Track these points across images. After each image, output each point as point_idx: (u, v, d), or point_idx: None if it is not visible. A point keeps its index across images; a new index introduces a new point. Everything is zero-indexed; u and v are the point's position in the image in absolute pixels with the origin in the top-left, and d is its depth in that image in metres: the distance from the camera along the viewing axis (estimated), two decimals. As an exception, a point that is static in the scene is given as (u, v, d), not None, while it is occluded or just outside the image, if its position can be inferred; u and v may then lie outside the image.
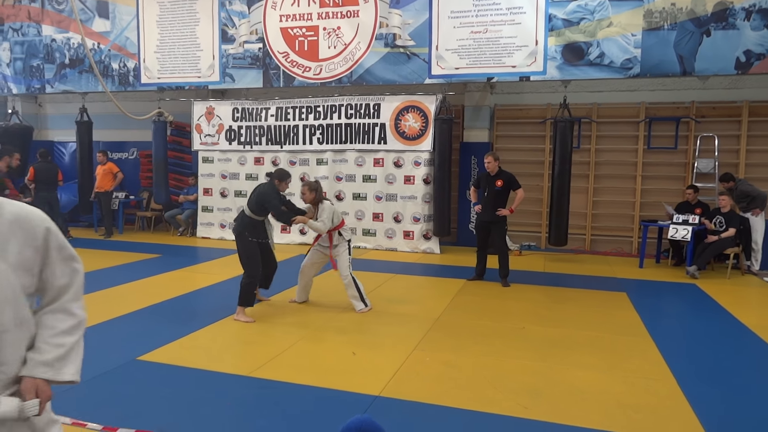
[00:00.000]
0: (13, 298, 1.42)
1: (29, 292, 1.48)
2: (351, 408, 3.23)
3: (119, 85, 10.01)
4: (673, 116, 8.82)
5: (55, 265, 1.52)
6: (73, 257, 1.59)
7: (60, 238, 1.55)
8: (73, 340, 1.54)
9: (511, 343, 4.47)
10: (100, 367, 3.81)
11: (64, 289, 1.54)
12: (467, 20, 8.07)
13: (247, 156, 9.83)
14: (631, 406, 3.33)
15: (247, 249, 4.99)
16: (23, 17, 10.50)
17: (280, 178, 5.20)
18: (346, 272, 5.30)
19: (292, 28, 8.96)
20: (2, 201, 1.47)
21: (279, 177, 5.20)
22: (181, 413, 3.18)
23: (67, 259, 1.56)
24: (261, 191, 5.06)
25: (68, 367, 1.52)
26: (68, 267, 1.56)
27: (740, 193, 7.74)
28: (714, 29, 7.17)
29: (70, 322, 1.54)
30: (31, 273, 1.48)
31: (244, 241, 4.99)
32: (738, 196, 7.74)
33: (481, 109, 9.38)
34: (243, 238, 4.99)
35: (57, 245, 1.53)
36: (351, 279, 5.31)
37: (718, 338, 4.79)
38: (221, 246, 9.28)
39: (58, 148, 12.06)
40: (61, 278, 1.54)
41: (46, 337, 1.50)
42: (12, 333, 1.42)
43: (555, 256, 8.66)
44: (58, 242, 1.54)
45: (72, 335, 1.54)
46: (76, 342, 1.55)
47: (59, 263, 1.53)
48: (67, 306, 1.54)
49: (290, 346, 4.32)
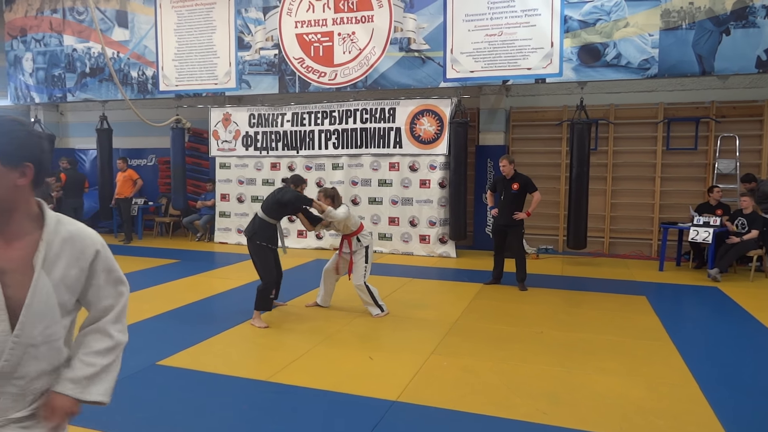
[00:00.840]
0: (47, 313, 1.43)
1: (67, 309, 1.49)
2: (368, 413, 3.23)
3: (138, 93, 10.17)
4: (693, 116, 8.69)
5: (100, 286, 1.53)
6: (120, 280, 1.59)
7: (109, 261, 1.56)
8: (106, 361, 1.54)
9: (529, 348, 4.43)
10: (120, 372, 3.85)
11: (106, 311, 1.55)
12: (482, 23, 8.06)
13: (263, 161, 9.91)
14: (652, 411, 3.28)
15: (258, 252, 5.02)
16: (45, 28, 10.73)
17: (296, 183, 5.30)
18: (360, 280, 5.24)
19: (308, 34, 9.03)
20: (63, 219, 1.50)
21: (295, 182, 5.29)
22: (200, 418, 3.21)
23: (113, 282, 1.57)
24: (283, 196, 5.09)
25: (96, 387, 1.53)
26: (114, 290, 1.57)
27: (762, 194, 7.59)
28: (733, 28, 7.06)
29: (106, 344, 1.55)
30: (73, 291, 1.49)
31: (254, 244, 5.01)
32: (760, 196, 7.60)
33: (496, 112, 9.35)
34: (253, 241, 5.01)
35: (105, 267, 1.54)
36: (364, 285, 5.25)
37: (740, 342, 4.70)
38: (238, 251, 9.34)
39: (79, 155, 12.28)
40: (105, 300, 1.55)
41: (81, 356, 1.52)
42: (38, 348, 1.43)
43: (573, 260, 8.58)
44: (107, 265, 1.55)
45: (106, 357, 1.54)
46: (109, 364, 1.56)
47: (105, 285, 1.54)
48: (107, 327, 1.55)
49: (307, 351, 4.33)
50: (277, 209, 5.08)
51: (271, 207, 5.07)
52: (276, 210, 5.08)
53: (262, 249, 5.03)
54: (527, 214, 6.54)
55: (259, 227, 5.02)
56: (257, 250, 5.02)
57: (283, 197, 5.08)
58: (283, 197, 5.08)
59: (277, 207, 5.08)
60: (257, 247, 5.02)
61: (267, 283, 4.98)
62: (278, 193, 5.17)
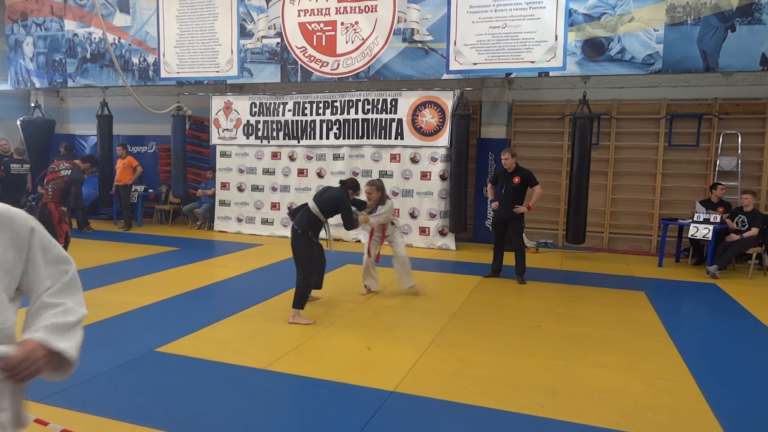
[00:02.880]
0: None
1: (11, 296, 1.41)
2: (366, 403, 3.24)
3: (139, 80, 10.12)
4: (695, 113, 8.66)
5: (39, 267, 1.44)
6: (62, 259, 1.50)
7: (45, 239, 1.47)
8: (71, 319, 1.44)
9: (527, 341, 4.45)
10: (119, 358, 3.87)
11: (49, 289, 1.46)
12: (486, 15, 8.01)
13: (264, 150, 9.88)
14: (649, 406, 3.29)
15: (310, 248, 4.94)
16: (46, 12, 10.65)
17: (354, 188, 5.39)
18: (404, 252, 5.77)
19: (310, 23, 8.97)
20: None
21: (352, 187, 5.38)
22: (198, 405, 3.22)
23: (54, 261, 1.48)
24: (337, 196, 5.07)
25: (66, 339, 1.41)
26: (55, 269, 1.48)
27: None
28: (739, 24, 7.03)
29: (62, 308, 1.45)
30: (12, 274, 1.40)
31: (308, 240, 4.91)
32: None
33: (498, 105, 9.31)
34: (307, 237, 4.90)
35: (42, 246, 1.45)
36: (407, 259, 5.78)
37: (738, 339, 4.71)
38: (238, 240, 9.35)
39: (79, 141, 12.25)
40: (47, 281, 1.46)
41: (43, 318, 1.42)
42: None
43: (572, 254, 8.59)
44: (44, 243, 1.46)
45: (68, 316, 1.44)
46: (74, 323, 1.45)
47: (44, 266, 1.45)
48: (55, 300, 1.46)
49: (306, 340, 4.34)
50: (331, 209, 5.04)
51: (326, 206, 5.01)
52: (331, 210, 5.04)
53: (311, 244, 4.97)
54: (528, 207, 6.53)
55: (312, 223, 4.94)
56: (307, 244, 4.92)
57: (341, 200, 5.07)
58: (341, 200, 5.07)
59: (333, 208, 5.04)
60: (308, 242, 4.93)
61: (308, 279, 4.91)
62: (335, 192, 5.14)
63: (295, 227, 4.91)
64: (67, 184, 5.93)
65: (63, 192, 5.93)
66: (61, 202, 5.93)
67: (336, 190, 5.17)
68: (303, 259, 4.89)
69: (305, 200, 10.05)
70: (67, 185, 5.92)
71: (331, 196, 5.06)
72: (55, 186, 5.92)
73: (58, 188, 5.91)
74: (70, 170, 5.99)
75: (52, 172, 6.04)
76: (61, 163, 6.12)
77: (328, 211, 5.00)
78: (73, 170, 6.02)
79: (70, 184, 5.94)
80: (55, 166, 6.10)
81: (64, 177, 5.94)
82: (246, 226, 10.05)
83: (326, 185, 5.75)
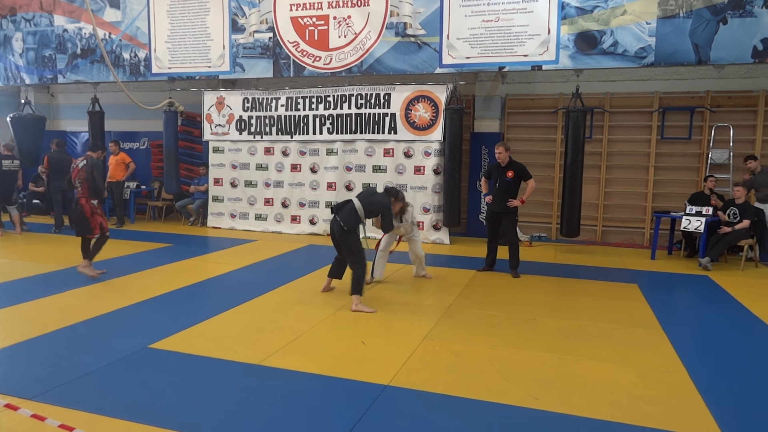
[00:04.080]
0: None
1: None
2: (360, 397, 3.24)
3: (130, 75, 10.05)
4: (688, 106, 8.69)
5: None
6: None
7: None
8: None
9: (521, 334, 4.46)
10: (112, 354, 3.85)
11: None
12: (479, 9, 7.99)
13: (257, 146, 9.84)
14: (642, 398, 3.31)
15: (357, 242, 5.34)
16: (35, 7, 10.54)
17: (396, 197, 5.70)
18: (422, 252, 6.36)
19: (303, 18, 8.93)
20: None
21: (396, 197, 5.70)
22: (192, 401, 3.21)
23: None
24: (384, 204, 5.45)
25: None
26: None
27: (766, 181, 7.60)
28: (731, 17, 7.04)
29: None
30: None
31: (355, 235, 5.29)
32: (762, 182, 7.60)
33: (492, 99, 9.31)
34: (355, 232, 5.28)
35: None
36: (424, 256, 6.37)
37: (730, 330, 4.74)
38: (231, 236, 9.32)
39: (70, 138, 12.15)
40: None
41: None
42: None
43: (566, 247, 8.61)
44: None
45: None
46: None
47: None
48: None
49: (300, 335, 4.33)
50: (374, 213, 5.43)
51: (372, 209, 5.38)
52: (374, 214, 5.44)
53: (358, 237, 5.35)
54: (521, 201, 6.55)
55: (356, 219, 5.27)
56: (354, 239, 5.28)
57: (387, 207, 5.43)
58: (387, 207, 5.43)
59: (376, 212, 5.42)
60: (354, 237, 5.28)
61: (363, 267, 5.26)
62: (383, 200, 5.50)
63: (341, 224, 5.19)
64: (89, 173, 6.19)
65: (89, 182, 6.19)
66: (91, 195, 6.20)
67: (383, 197, 5.58)
68: (354, 250, 5.25)
69: (298, 195, 10.09)
70: (89, 174, 6.19)
71: (379, 203, 5.46)
72: (80, 180, 6.19)
73: (84, 180, 6.18)
74: (84, 160, 6.27)
75: (73, 170, 6.30)
76: (78, 160, 6.39)
77: (371, 213, 5.43)
78: (87, 158, 6.29)
79: (90, 171, 6.20)
80: (74, 164, 6.36)
81: (83, 168, 6.20)
82: (239, 221, 10.02)
83: (371, 187, 6.47)
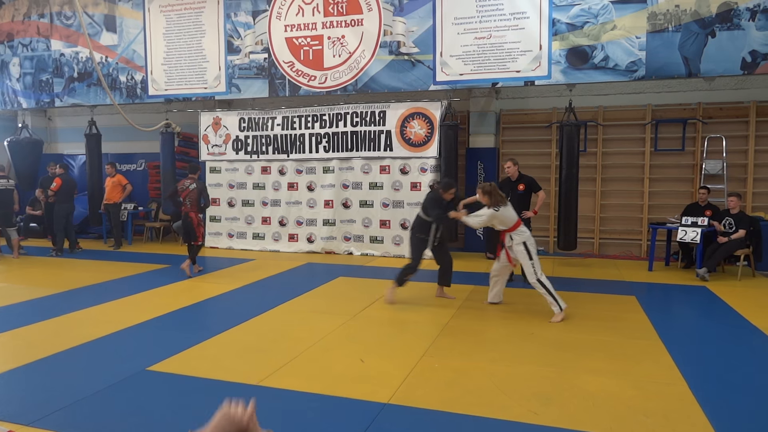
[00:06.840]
0: None
1: None
2: (360, 416, 3.23)
3: (127, 98, 10.12)
4: (680, 118, 8.78)
5: None
6: None
7: None
8: None
9: (520, 349, 4.45)
10: (110, 377, 3.83)
11: None
12: (471, 26, 8.10)
13: (254, 165, 9.88)
14: (642, 410, 3.30)
15: (416, 243, 5.99)
16: (33, 32, 10.66)
17: (444, 188, 5.95)
18: (532, 278, 5.31)
19: (297, 38, 9.03)
20: None
21: (443, 187, 5.98)
22: (190, 423, 3.18)
23: None
24: (428, 196, 5.99)
25: None
26: None
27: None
28: (719, 30, 7.15)
29: None
30: None
31: (413, 237, 6.01)
32: None
33: (486, 115, 9.39)
34: (413, 234, 6.02)
35: None
36: (537, 283, 5.29)
37: (729, 341, 4.74)
38: (229, 255, 9.31)
39: (68, 160, 12.18)
40: None
41: None
42: None
43: (563, 261, 8.63)
44: None
45: None
46: None
47: None
48: None
49: (299, 355, 4.32)
50: (428, 208, 5.89)
51: (425, 204, 5.93)
52: (428, 208, 5.86)
53: (417, 240, 5.96)
54: (534, 212, 6.74)
55: (418, 223, 5.96)
56: (415, 240, 5.99)
57: (428, 198, 5.94)
58: (428, 198, 5.94)
59: (425, 204, 5.95)
60: (415, 239, 5.99)
61: (413, 266, 5.91)
62: (429, 193, 6.07)
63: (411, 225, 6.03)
64: (200, 194, 7.42)
65: (198, 201, 7.41)
66: (198, 210, 7.44)
67: (430, 192, 6.11)
68: (413, 249, 6.01)
69: (295, 214, 10.11)
70: (199, 194, 7.42)
71: (426, 197, 6.02)
72: (191, 198, 7.36)
73: (194, 199, 7.37)
74: (194, 183, 7.42)
75: (182, 191, 7.40)
76: (185, 182, 7.47)
77: (427, 208, 5.88)
78: (196, 182, 7.45)
79: (201, 192, 7.44)
80: (182, 186, 7.44)
81: (194, 190, 7.37)
82: (237, 241, 10.03)
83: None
